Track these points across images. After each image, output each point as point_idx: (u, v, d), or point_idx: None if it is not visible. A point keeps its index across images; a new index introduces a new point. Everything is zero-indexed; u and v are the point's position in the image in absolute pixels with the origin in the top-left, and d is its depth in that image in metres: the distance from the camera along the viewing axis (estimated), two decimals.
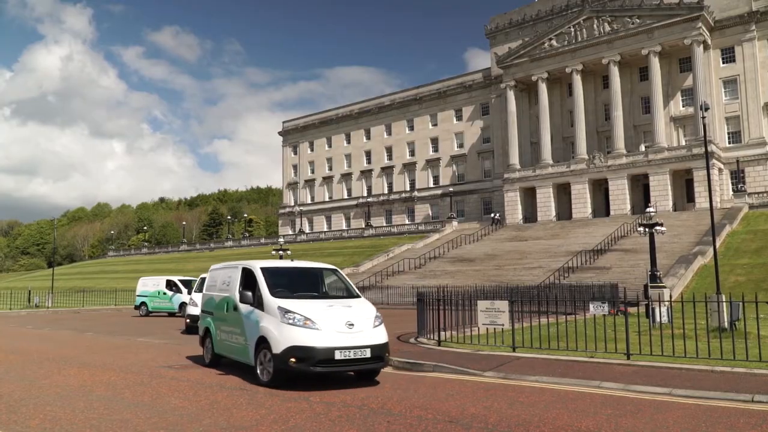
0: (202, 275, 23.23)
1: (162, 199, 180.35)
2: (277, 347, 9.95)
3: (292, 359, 9.73)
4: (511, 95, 66.02)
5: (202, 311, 13.76)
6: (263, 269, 11.51)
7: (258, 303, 10.88)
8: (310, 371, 9.80)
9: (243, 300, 11.26)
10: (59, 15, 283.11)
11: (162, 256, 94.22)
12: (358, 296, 11.64)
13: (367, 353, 10.02)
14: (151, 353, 15.64)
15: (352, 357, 9.91)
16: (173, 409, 8.55)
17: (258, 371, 10.51)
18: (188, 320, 21.86)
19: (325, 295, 11.82)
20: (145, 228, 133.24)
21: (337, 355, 9.77)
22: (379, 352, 10.19)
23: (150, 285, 36.41)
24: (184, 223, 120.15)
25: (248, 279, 11.63)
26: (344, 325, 10.09)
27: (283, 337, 9.95)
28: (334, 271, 12.47)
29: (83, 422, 7.73)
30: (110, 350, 16.41)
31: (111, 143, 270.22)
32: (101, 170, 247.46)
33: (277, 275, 11.57)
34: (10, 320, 30.99)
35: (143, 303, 35.70)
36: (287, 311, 10.22)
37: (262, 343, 10.40)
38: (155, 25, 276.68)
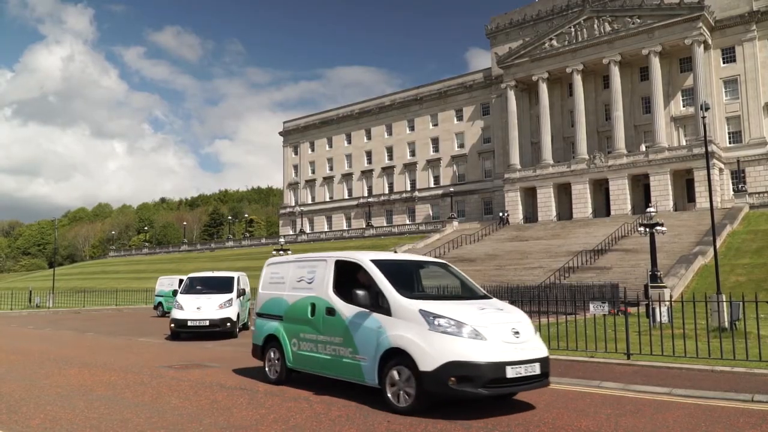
0: (190, 275, 22.54)
1: (163, 200, 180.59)
2: (427, 363, 7.72)
3: (452, 379, 7.57)
4: (511, 95, 66.02)
5: (260, 314, 11.27)
6: (376, 262, 9.28)
7: (378, 305, 8.61)
8: (477, 394, 7.63)
9: (354, 301, 8.83)
10: (60, 15, 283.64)
11: (163, 257, 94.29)
12: (489, 297, 9.55)
13: (537, 369, 8.01)
14: (152, 353, 15.65)
15: (523, 374, 7.85)
16: (173, 408, 8.56)
17: (388, 394, 8.16)
18: (173, 325, 19.32)
19: (450, 297, 9.87)
20: (146, 228, 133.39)
21: (509, 373, 7.71)
22: (547, 368, 8.26)
23: (166, 284, 35.74)
24: (184, 223, 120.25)
25: (347, 276, 9.55)
26: (511, 334, 8.03)
27: (436, 349, 7.73)
28: (444, 266, 10.38)
29: (83, 422, 7.75)
30: (111, 350, 16.43)
31: (112, 143, 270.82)
32: (102, 170, 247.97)
33: (392, 270, 9.20)
34: (11, 320, 31.02)
35: (160, 303, 35.26)
36: (437, 316, 8.00)
37: (394, 357, 8.14)
38: (156, 25, 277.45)
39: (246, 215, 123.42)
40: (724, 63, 58.04)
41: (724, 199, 53.72)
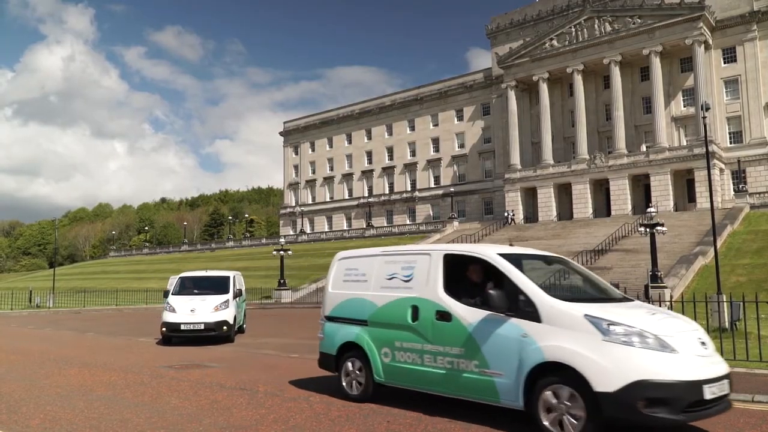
0: (181, 275, 20.70)
1: (163, 200, 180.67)
2: (606, 382, 6.17)
3: (642, 402, 6.06)
4: (512, 95, 66.02)
5: (331, 318, 9.60)
6: (506, 256, 7.73)
7: (518, 308, 7.06)
8: (675, 421, 6.17)
9: (482, 303, 7.39)
10: (61, 15, 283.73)
11: (163, 257, 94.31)
12: (631, 299, 8.04)
13: (727, 387, 6.60)
14: (152, 353, 15.65)
15: (718, 394, 6.43)
16: (173, 408, 8.56)
17: (545, 422, 6.58)
18: (164, 329, 17.82)
19: (597, 299, 7.66)
20: (147, 228, 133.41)
21: (706, 393, 6.27)
22: (732, 387, 6.81)
23: None
24: (185, 223, 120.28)
25: (460, 273, 8.12)
26: (699, 345, 6.65)
27: (618, 365, 6.20)
28: (564, 262, 8.91)
29: (83, 422, 7.75)
30: (111, 350, 16.43)
31: (113, 143, 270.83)
32: (103, 171, 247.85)
33: (523, 268, 7.69)
34: (12, 320, 31.04)
35: None
36: (613, 323, 6.46)
37: (551, 373, 6.61)
38: (157, 25, 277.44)
39: (246, 215, 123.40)
40: (724, 63, 58.02)
41: (725, 200, 53.70)
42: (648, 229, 29.10)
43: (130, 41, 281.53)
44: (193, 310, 17.77)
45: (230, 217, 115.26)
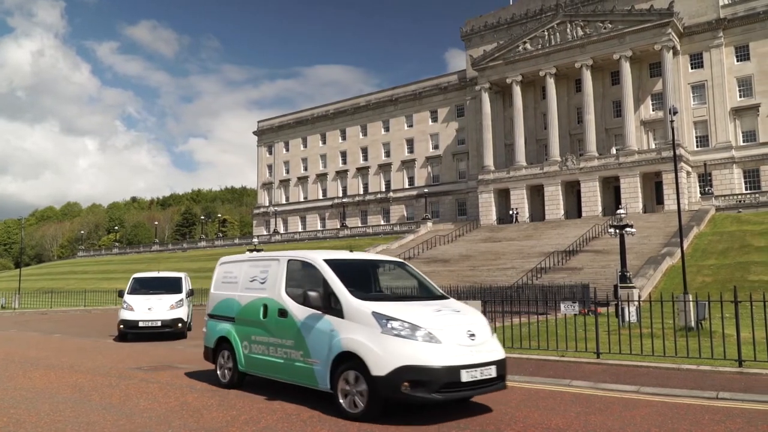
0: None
1: (134, 199, 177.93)
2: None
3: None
4: (485, 97, 66.54)
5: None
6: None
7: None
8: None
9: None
10: (30, 8, 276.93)
11: (134, 257, 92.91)
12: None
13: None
14: (120, 355, 15.40)
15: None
16: (142, 411, 8.44)
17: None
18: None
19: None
20: (116, 228, 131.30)
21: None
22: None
23: None
24: (156, 223, 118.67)
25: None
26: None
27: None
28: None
29: (48, 425, 7.59)
30: (78, 352, 16.13)
31: (83, 141, 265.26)
32: (73, 168, 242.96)
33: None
34: None
35: None
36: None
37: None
38: (131, 20, 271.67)
39: (219, 215, 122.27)
40: (692, 69, 59.28)
41: (692, 202, 54.83)
42: (617, 231, 29.54)
43: (103, 36, 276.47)
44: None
45: (203, 217, 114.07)
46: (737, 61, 57.62)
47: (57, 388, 10.40)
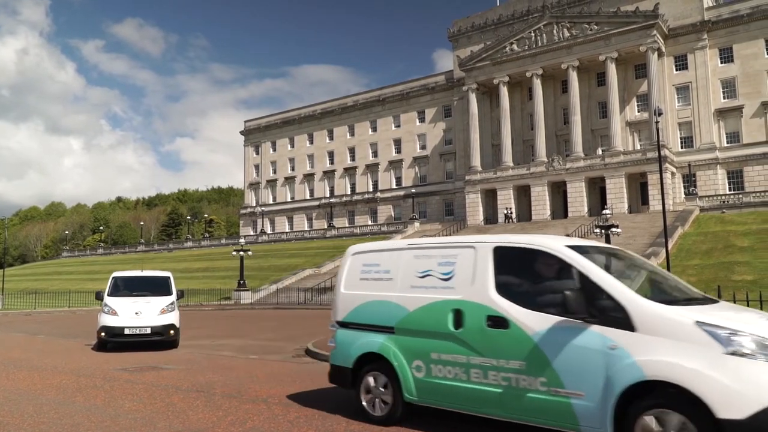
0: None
1: (119, 199, 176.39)
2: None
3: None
4: (473, 98, 66.76)
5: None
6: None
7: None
8: None
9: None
10: (14, 6, 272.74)
11: (119, 257, 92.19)
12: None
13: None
14: (105, 356, 15.27)
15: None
16: (127, 412, 8.38)
17: None
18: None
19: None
20: (102, 228, 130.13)
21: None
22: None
23: None
24: (142, 223, 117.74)
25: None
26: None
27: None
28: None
29: (32, 426, 7.52)
30: (63, 353, 15.99)
31: (68, 140, 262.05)
32: (58, 168, 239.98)
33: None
34: None
35: None
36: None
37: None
38: (117, 18, 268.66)
39: (206, 215, 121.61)
40: (676, 70, 59.87)
41: (676, 202, 55.36)
42: (603, 231, 29.81)
43: (88, 34, 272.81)
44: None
45: (189, 217, 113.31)
46: (721, 63, 58.27)
47: (41, 389, 10.31)
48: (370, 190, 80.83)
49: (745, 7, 57.50)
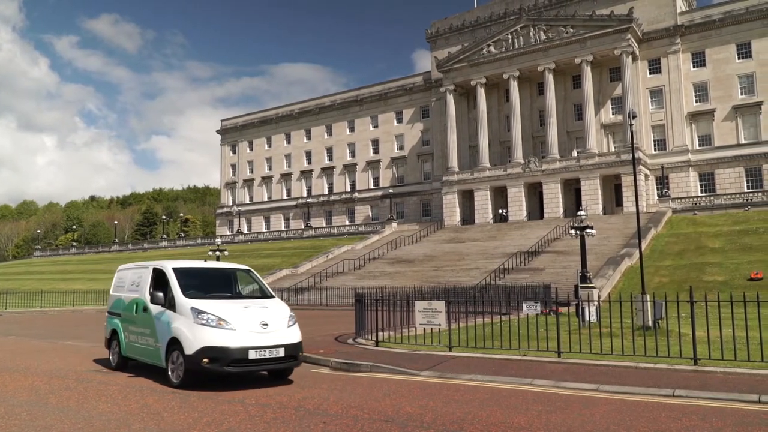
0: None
1: (93, 198, 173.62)
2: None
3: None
4: (450, 99, 67.05)
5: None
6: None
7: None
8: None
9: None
10: None
11: (92, 257, 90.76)
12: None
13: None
14: (78, 357, 15.04)
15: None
16: (101, 414, 8.26)
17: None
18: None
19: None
20: (74, 227, 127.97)
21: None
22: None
23: None
24: (116, 222, 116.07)
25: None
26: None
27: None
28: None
29: (3, 429, 7.37)
30: (34, 354, 15.69)
31: (41, 137, 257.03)
32: (30, 166, 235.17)
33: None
34: None
35: None
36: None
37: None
38: (91, 13, 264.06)
39: (181, 215, 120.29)
40: (650, 74, 60.81)
41: (650, 204, 56.24)
42: (578, 232, 30.10)
43: (62, 30, 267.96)
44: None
45: (164, 217, 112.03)
46: (693, 67, 59.34)
47: (12, 391, 10.11)
48: (348, 190, 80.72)
49: (717, 12, 58.64)
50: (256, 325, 10.22)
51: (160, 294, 11.06)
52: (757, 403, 8.60)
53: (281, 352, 10.22)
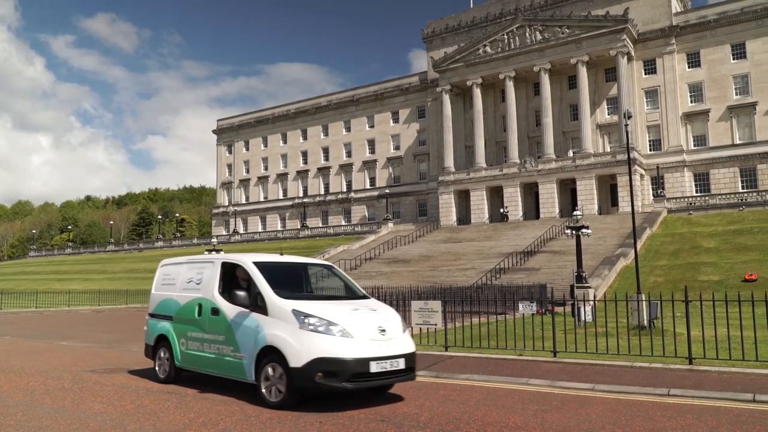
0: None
1: (88, 198, 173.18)
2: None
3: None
4: (446, 99, 67.09)
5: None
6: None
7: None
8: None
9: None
10: None
11: (88, 257, 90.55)
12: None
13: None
14: (73, 357, 15.00)
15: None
16: (96, 414, 8.25)
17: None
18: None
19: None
20: (70, 227, 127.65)
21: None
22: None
23: None
24: (111, 222, 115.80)
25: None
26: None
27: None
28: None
29: None
30: (30, 354, 15.65)
31: (36, 137, 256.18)
32: (26, 165, 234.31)
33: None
34: None
35: None
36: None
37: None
38: (88, 12, 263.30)
39: (177, 215, 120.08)
40: (645, 74, 60.97)
41: (645, 204, 56.36)
42: (574, 232, 30.16)
43: (58, 29, 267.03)
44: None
45: (160, 217, 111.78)
46: (689, 67, 59.53)
47: (8, 391, 10.09)
48: (344, 190, 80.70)
49: (712, 13, 58.83)
50: (374, 331, 8.53)
51: (242, 293, 9.20)
52: (751, 402, 8.65)
53: (402, 364, 8.57)
